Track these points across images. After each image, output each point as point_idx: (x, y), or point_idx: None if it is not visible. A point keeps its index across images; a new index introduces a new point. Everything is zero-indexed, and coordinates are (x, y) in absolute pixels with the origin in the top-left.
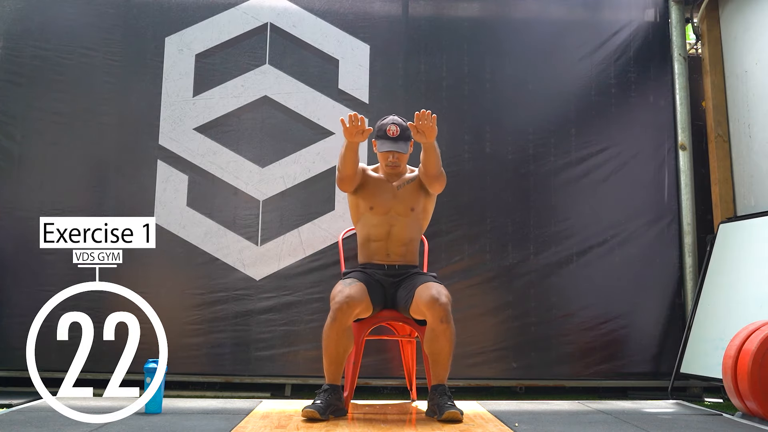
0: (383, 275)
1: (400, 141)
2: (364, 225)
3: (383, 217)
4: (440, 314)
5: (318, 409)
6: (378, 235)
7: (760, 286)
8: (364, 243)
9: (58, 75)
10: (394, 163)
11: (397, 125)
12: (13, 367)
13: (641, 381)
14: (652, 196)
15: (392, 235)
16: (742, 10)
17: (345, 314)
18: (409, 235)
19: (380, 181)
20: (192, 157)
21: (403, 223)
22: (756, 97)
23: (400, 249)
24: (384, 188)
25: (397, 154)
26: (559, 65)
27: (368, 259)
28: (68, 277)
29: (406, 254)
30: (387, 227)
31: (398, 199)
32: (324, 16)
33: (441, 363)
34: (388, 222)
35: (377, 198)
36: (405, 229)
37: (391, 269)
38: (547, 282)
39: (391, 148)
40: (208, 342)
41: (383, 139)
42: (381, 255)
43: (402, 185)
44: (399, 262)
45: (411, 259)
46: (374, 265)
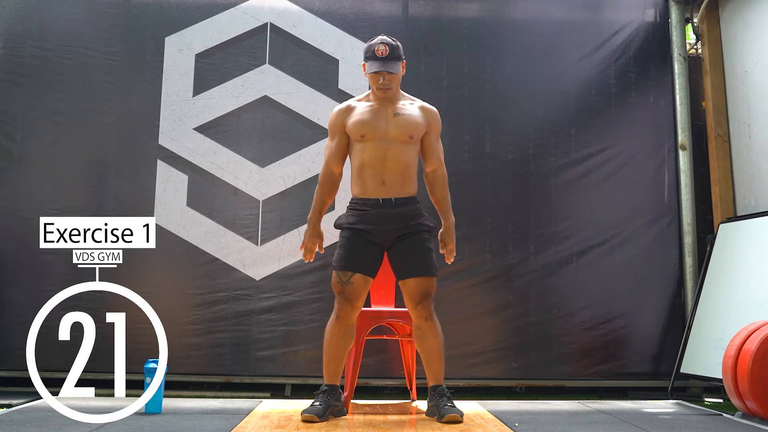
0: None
1: (390, 61)
2: (357, 153)
3: (378, 142)
4: (424, 314)
5: (316, 413)
6: (372, 159)
7: (760, 286)
8: (357, 171)
9: (58, 75)
10: (386, 85)
11: (386, 44)
12: (13, 367)
13: (641, 381)
14: (652, 196)
15: (388, 160)
16: (742, 10)
17: (348, 314)
18: (405, 161)
19: (372, 108)
20: (192, 157)
21: (399, 148)
22: (756, 97)
23: (396, 177)
24: (378, 114)
25: (388, 75)
26: (559, 65)
27: (362, 190)
28: (68, 277)
29: (403, 183)
30: (382, 152)
31: (395, 125)
32: (324, 16)
33: (434, 359)
34: (384, 147)
35: (369, 124)
36: (401, 155)
37: (386, 204)
38: (547, 282)
39: (381, 68)
40: (208, 342)
41: (372, 60)
42: (376, 183)
43: (401, 114)
44: (396, 194)
45: (408, 190)
46: (369, 202)
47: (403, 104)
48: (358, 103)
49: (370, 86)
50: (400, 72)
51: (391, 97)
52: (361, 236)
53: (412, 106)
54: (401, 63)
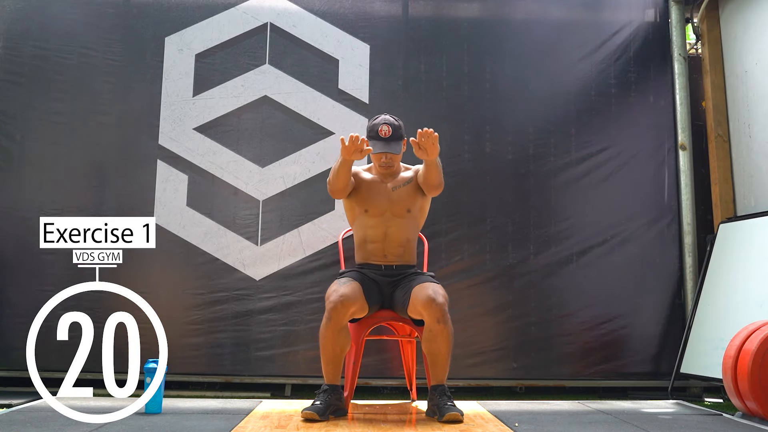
0: (380, 275)
1: (393, 141)
2: (360, 226)
3: (379, 218)
4: (437, 314)
5: (317, 411)
6: (374, 236)
7: (760, 286)
8: (360, 244)
9: (58, 75)
10: (388, 164)
11: (389, 125)
12: (13, 367)
13: (641, 381)
14: (652, 196)
15: (389, 236)
16: (742, 10)
17: (340, 313)
18: (405, 236)
19: (374, 183)
20: (192, 157)
21: (399, 224)
22: (756, 97)
23: (397, 250)
24: (378, 190)
25: (390, 155)
26: (559, 65)
27: (365, 260)
28: (68, 277)
29: (404, 254)
30: (383, 228)
31: (394, 201)
32: (324, 16)
33: (440, 363)
34: (384, 223)
35: (372, 200)
36: (402, 230)
37: (388, 270)
38: (547, 282)
39: (384, 150)
40: (208, 342)
41: (375, 140)
42: (378, 256)
43: (398, 187)
44: (396, 263)
45: (408, 259)
46: (371, 266)
47: (401, 177)
48: (365, 174)
49: (373, 162)
50: (401, 151)
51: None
52: (363, 273)
53: (407, 173)
54: (402, 142)
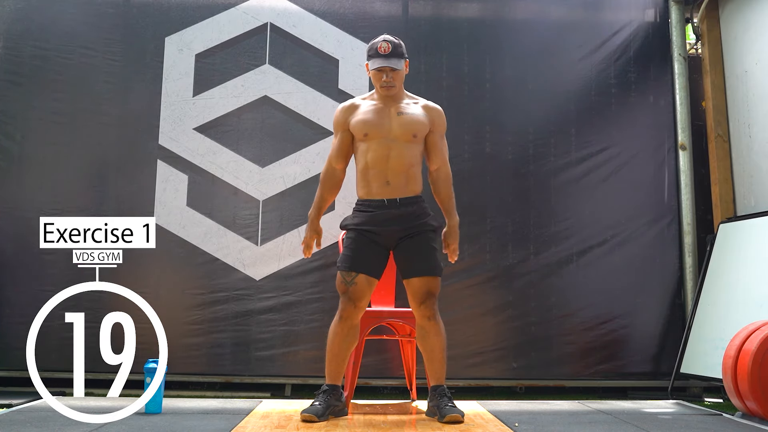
0: (384, 220)
1: (393, 57)
2: (361, 154)
3: (381, 140)
4: (427, 313)
5: (316, 412)
6: (375, 160)
7: (760, 286)
8: (362, 172)
9: (58, 75)
10: (389, 82)
11: (389, 42)
12: (13, 367)
13: (641, 381)
14: (652, 196)
15: (391, 160)
16: (742, 10)
17: (352, 314)
18: (409, 161)
19: (376, 108)
20: (192, 157)
21: (402, 147)
22: (756, 97)
23: (399, 177)
24: (381, 113)
25: (390, 72)
26: (559, 65)
27: (367, 191)
28: (68, 277)
29: (408, 183)
30: (385, 151)
31: (399, 124)
32: (324, 16)
33: (436, 359)
34: (387, 146)
35: (372, 123)
36: (404, 155)
37: (392, 204)
38: (547, 282)
39: (384, 64)
40: (208, 342)
41: (375, 57)
42: (380, 183)
43: (404, 113)
44: (400, 194)
45: (413, 188)
46: (374, 203)
47: (407, 103)
48: (362, 102)
49: (374, 84)
50: (403, 70)
51: (395, 95)
52: (367, 237)
53: (415, 105)
54: (404, 61)
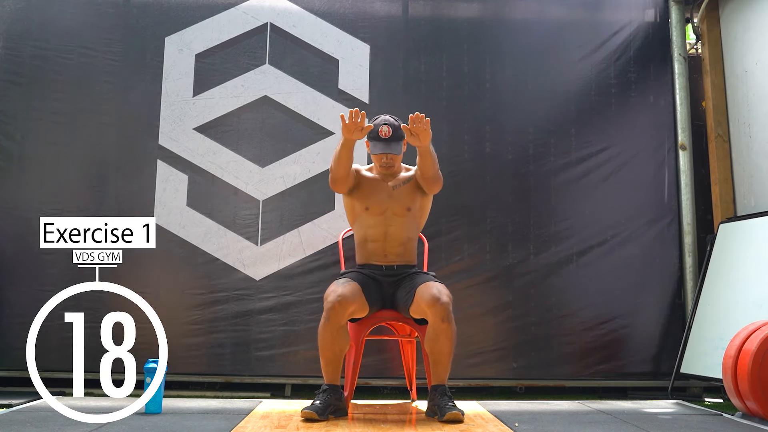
0: (381, 276)
1: (393, 142)
2: (361, 226)
3: (379, 217)
4: (442, 313)
5: (317, 410)
6: (375, 235)
7: (760, 286)
8: (361, 244)
9: (58, 75)
10: (388, 164)
11: (389, 126)
12: (13, 367)
13: (641, 381)
14: (652, 196)
15: (389, 236)
16: (742, 10)
17: (338, 314)
18: (406, 235)
19: (375, 181)
20: (192, 157)
21: (399, 223)
22: (756, 97)
23: (397, 249)
24: (379, 188)
25: (390, 156)
26: (559, 65)
27: (366, 259)
28: (68, 277)
29: (404, 254)
30: (384, 227)
31: (394, 199)
32: (324, 16)
33: (442, 363)
34: (385, 222)
35: (372, 198)
36: (402, 229)
37: (389, 270)
38: (547, 282)
39: (384, 150)
40: (208, 342)
41: (376, 140)
42: (379, 256)
43: (398, 185)
44: (397, 262)
45: (409, 259)
46: (372, 266)
47: (401, 176)
48: (365, 173)
49: (373, 163)
50: (401, 152)
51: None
52: (364, 273)
53: (407, 174)
54: (403, 142)
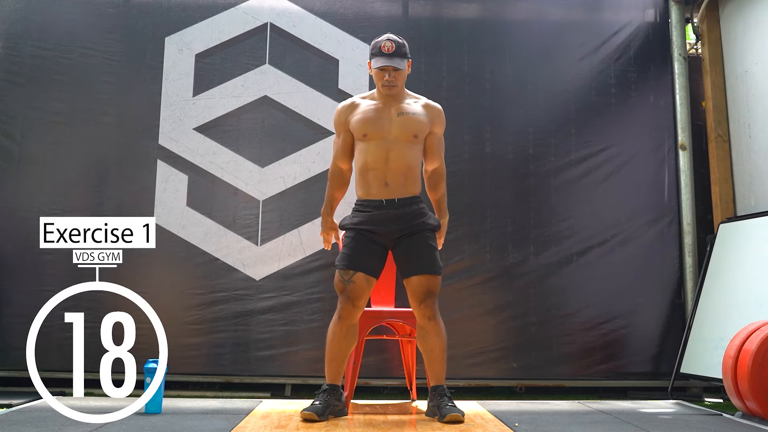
0: (383, 220)
1: (396, 57)
2: (360, 153)
3: (380, 141)
4: (428, 313)
5: (316, 411)
6: (375, 161)
7: (760, 286)
8: (361, 172)
9: (58, 75)
10: (391, 82)
11: (392, 41)
12: (13, 367)
13: (641, 381)
14: (652, 196)
15: (390, 161)
16: (742, 10)
17: (350, 314)
18: (407, 162)
19: (376, 107)
20: (192, 157)
21: (402, 148)
22: (756, 97)
23: (398, 178)
24: (380, 114)
25: (393, 72)
26: (559, 65)
27: (366, 192)
28: (68, 277)
29: (406, 183)
30: (384, 152)
31: (398, 125)
32: (324, 16)
33: (436, 359)
34: (386, 147)
35: (372, 124)
36: (404, 155)
37: (390, 205)
38: (547, 282)
39: (387, 63)
40: (208, 342)
41: (378, 56)
42: (379, 184)
43: (404, 113)
44: (399, 195)
45: (412, 190)
46: (372, 204)
47: (408, 102)
48: (363, 101)
49: (375, 84)
50: (405, 69)
51: (396, 95)
52: (365, 236)
53: (416, 104)
54: (407, 61)
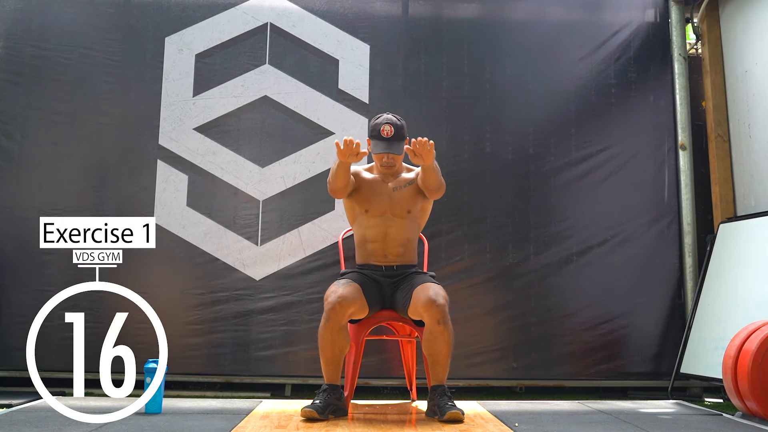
0: (381, 276)
1: (395, 142)
2: (360, 226)
3: (379, 218)
4: (437, 316)
5: (317, 409)
6: (374, 236)
7: (760, 286)
8: (361, 244)
9: (58, 75)
10: (389, 163)
11: (391, 125)
12: (13, 367)
13: (641, 381)
14: (652, 196)
15: (389, 237)
16: (742, 10)
17: (338, 314)
18: (406, 236)
19: (375, 183)
20: (192, 157)
21: (399, 224)
22: (756, 97)
23: (397, 250)
24: (379, 190)
25: (391, 156)
26: (559, 65)
27: (365, 260)
28: (68, 277)
29: (404, 254)
30: (383, 228)
31: (394, 201)
32: (324, 16)
33: (440, 364)
34: (385, 223)
35: (372, 200)
36: (402, 231)
37: (389, 270)
38: (547, 282)
39: (386, 150)
40: (208, 342)
41: (377, 140)
42: (378, 256)
43: (399, 187)
44: (397, 263)
45: (409, 259)
46: (372, 266)
47: (403, 177)
48: (365, 173)
49: (374, 163)
50: (403, 152)
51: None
52: (367, 276)
53: (408, 175)
54: (405, 142)
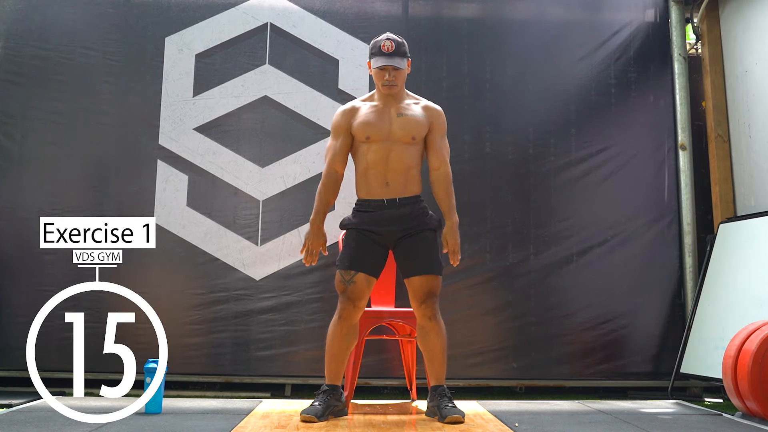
0: (384, 220)
1: (396, 56)
2: (362, 156)
3: (381, 144)
4: (428, 313)
5: (315, 413)
6: (376, 161)
7: (760, 286)
8: (362, 173)
9: (58, 75)
10: (390, 81)
11: (392, 41)
12: (13, 367)
13: (641, 381)
14: (652, 196)
15: (390, 162)
16: (742, 10)
17: (351, 314)
18: (408, 162)
19: (376, 109)
20: (192, 157)
21: (401, 149)
22: (756, 97)
23: (399, 178)
24: (381, 116)
25: (393, 71)
26: (559, 65)
27: (367, 192)
28: (68, 277)
29: (407, 183)
30: (385, 153)
31: (398, 126)
32: (324, 16)
33: (437, 359)
34: (387, 148)
35: (373, 125)
36: (404, 156)
37: (391, 204)
38: (547, 282)
39: (386, 63)
40: (208, 342)
41: (377, 55)
42: (379, 184)
43: (403, 114)
44: (400, 194)
45: (412, 190)
46: (374, 203)
47: (407, 104)
48: (363, 104)
49: (375, 83)
50: (405, 69)
51: (396, 95)
52: (366, 236)
53: (416, 106)
54: (407, 60)
